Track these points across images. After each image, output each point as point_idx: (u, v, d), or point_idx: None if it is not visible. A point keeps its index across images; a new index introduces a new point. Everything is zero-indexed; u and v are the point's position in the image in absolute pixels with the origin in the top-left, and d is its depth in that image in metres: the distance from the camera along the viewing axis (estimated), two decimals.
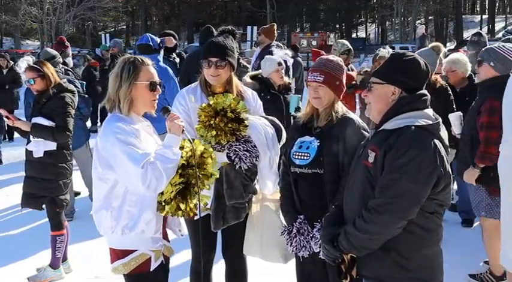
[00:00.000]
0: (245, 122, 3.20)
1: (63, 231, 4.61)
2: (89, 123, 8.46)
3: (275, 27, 7.47)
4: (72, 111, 4.62)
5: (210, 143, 3.12)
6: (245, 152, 3.19)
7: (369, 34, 55.35)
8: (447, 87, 5.42)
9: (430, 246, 2.52)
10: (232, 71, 3.35)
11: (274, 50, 7.24)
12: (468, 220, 5.82)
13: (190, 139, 2.80)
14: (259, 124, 3.26)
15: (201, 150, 2.85)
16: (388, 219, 2.40)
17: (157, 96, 2.88)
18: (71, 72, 7.02)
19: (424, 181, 2.37)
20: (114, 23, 54.80)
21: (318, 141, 3.04)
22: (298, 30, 50.96)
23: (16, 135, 5.47)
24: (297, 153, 3.08)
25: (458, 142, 4.62)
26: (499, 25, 49.72)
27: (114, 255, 2.86)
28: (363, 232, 2.45)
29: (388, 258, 2.49)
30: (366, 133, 3.00)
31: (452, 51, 9.82)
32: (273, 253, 3.34)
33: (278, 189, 3.33)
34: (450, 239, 4.75)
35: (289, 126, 3.86)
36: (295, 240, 3.07)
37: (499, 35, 34.11)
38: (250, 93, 3.48)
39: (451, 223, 5.68)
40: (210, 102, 3.22)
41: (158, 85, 2.86)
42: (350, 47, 7.42)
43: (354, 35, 54.55)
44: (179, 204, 2.79)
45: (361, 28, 58.51)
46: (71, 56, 8.84)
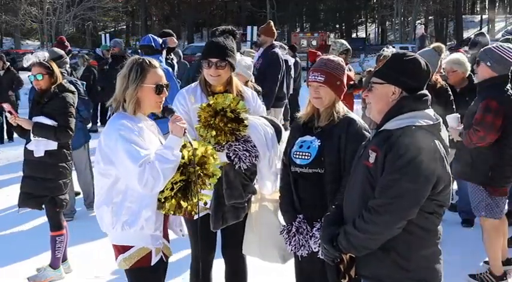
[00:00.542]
0: (245, 122, 3.21)
1: (62, 231, 4.62)
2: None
3: (271, 24, 7.46)
4: (74, 111, 4.63)
5: (209, 143, 3.12)
6: (244, 151, 3.20)
7: (369, 34, 55.28)
8: (447, 87, 5.42)
9: (429, 247, 2.52)
10: (232, 71, 3.37)
11: (277, 50, 7.25)
12: (468, 220, 5.82)
13: (191, 141, 2.82)
14: (258, 124, 3.27)
15: (202, 151, 2.87)
16: (388, 219, 2.40)
17: (163, 98, 2.90)
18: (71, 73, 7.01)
19: (424, 182, 2.37)
20: (114, 23, 54.70)
21: (318, 141, 3.04)
22: (298, 30, 50.89)
23: (16, 135, 5.45)
24: (298, 153, 3.08)
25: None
26: (499, 25, 49.66)
27: (116, 251, 2.91)
28: (363, 232, 2.45)
29: (387, 258, 2.48)
30: (367, 133, 3.00)
31: (451, 51, 9.80)
32: (271, 253, 3.34)
33: (277, 190, 3.33)
34: (450, 239, 4.74)
35: None
36: (294, 239, 3.07)
37: (498, 35, 34.06)
38: (250, 93, 3.49)
39: (451, 223, 5.67)
40: (210, 102, 3.22)
41: (165, 87, 2.88)
42: (348, 46, 7.41)
43: (354, 35, 54.48)
44: (180, 202, 2.81)
45: (361, 28, 58.42)
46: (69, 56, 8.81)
